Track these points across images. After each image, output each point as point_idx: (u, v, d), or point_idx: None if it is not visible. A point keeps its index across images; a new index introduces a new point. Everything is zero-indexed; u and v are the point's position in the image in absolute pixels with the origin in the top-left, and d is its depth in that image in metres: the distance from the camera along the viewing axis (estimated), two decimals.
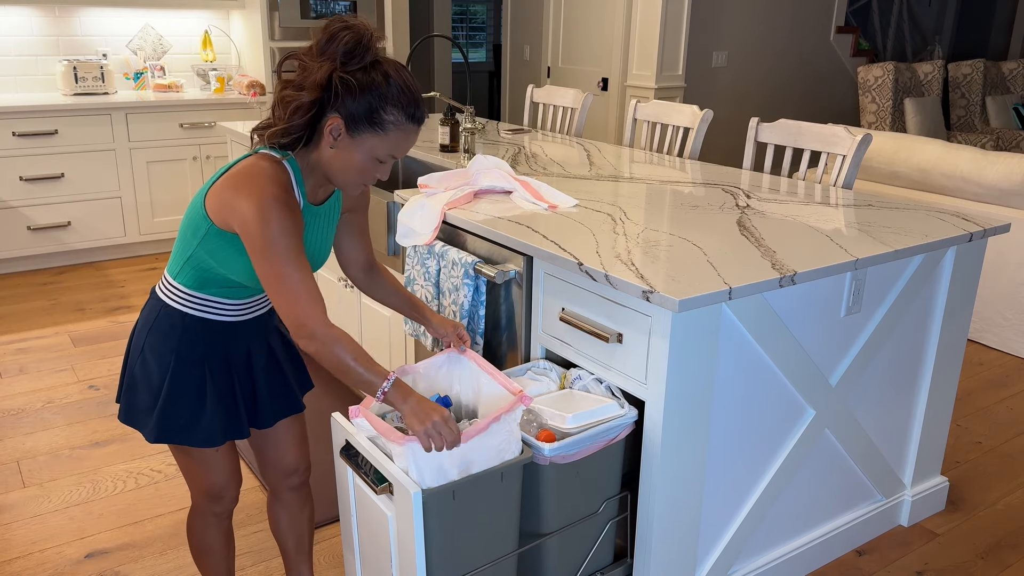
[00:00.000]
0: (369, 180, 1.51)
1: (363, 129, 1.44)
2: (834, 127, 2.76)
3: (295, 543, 1.91)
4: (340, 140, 1.45)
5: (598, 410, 1.73)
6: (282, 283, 1.39)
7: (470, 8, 9.55)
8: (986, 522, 2.47)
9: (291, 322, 1.40)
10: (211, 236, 1.48)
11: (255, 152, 1.50)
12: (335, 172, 1.49)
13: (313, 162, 1.51)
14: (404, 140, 1.48)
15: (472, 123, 3.04)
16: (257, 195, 1.39)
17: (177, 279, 1.56)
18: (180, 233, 1.55)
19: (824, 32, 6.55)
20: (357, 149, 1.46)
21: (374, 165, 1.49)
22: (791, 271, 1.76)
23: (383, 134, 1.45)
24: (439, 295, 2.26)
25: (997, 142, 6.18)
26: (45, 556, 2.23)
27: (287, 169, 1.47)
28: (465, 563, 1.59)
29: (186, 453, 1.66)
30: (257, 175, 1.42)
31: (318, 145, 1.48)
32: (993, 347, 3.77)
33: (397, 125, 1.45)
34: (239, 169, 1.45)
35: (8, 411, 3.01)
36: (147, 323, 1.59)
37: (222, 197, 1.44)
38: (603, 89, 5.66)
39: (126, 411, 1.62)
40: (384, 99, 1.43)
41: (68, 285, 4.34)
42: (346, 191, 1.54)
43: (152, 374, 1.58)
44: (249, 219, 1.39)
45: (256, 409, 1.69)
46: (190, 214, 1.52)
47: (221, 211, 1.44)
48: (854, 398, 2.12)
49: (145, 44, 5.04)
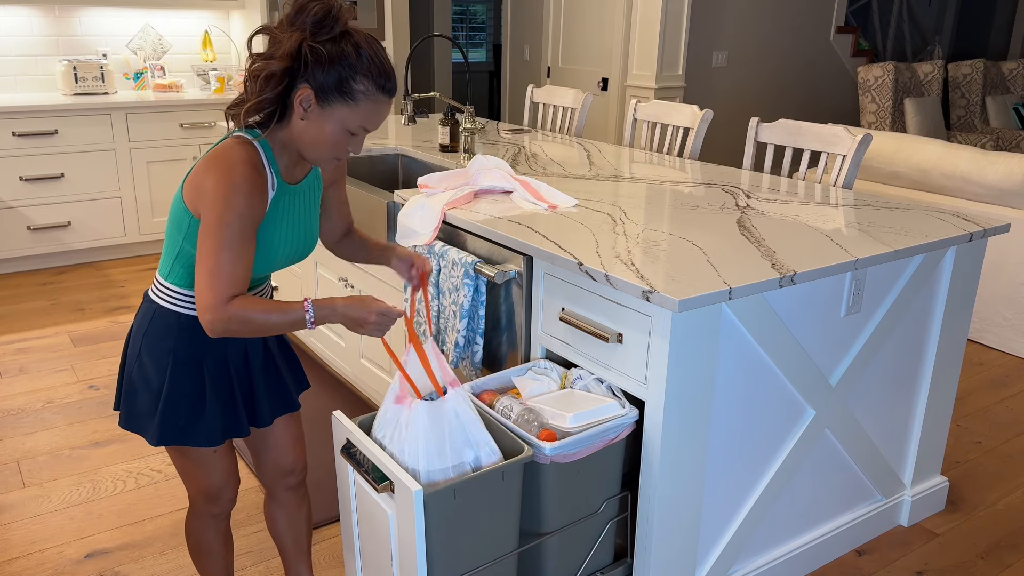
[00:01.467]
0: (341, 153, 1.50)
1: (333, 99, 1.42)
2: (834, 127, 2.76)
3: (293, 543, 1.91)
4: (311, 111, 1.44)
5: (599, 410, 1.73)
6: (206, 263, 1.39)
7: (470, 8, 9.55)
8: (986, 522, 2.47)
9: (198, 304, 1.40)
10: (193, 228, 1.48)
11: (228, 136, 1.50)
12: (307, 145, 1.48)
13: (285, 138, 1.50)
14: (375, 111, 1.46)
15: (472, 123, 3.04)
16: (225, 175, 1.40)
17: (168, 279, 1.56)
18: (166, 231, 1.55)
19: (824, 32, 6.55)
20: (328, 120, 1.44)
21: (346, 137, 1.47)
22: (791, 271, 1.76)
23: (353, 104, 1.43)
24: (439, 295, 2.26)
25: (997, 142, 6.18)
26: (45, 556, 2.23)
27: (258, 149, 1.47)
28: (465, 562, 1.59)
29: (184, 454, 1.65)
30: (228, 156, 1.42)
31: (290, 119, 1.47)
32: (993, 347, 3.77)
33: (367, 95, 1.44)
34: (212, 153, 1.46)
35: (8, 411, 3.01)
36: (142, 326, 1.58)
37: (195, 181, 1.45)
38: (603, 89, 5.66)
39: (126, 417, 1.61)
40: (354, 69, 1.41)
41: (68, 285, 4.34)
42: (320, 166, 1.53)
43: (150, 377, 1.57)
44: (213, 198, 1.39)
45: (254, 408, 1.69)
46: (172, 209, 1.53)
47: (193, 195, 1.45)
48: (854, 398, 2.12)
49: (145, 44, 5.04)
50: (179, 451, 1.65)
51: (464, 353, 2.20)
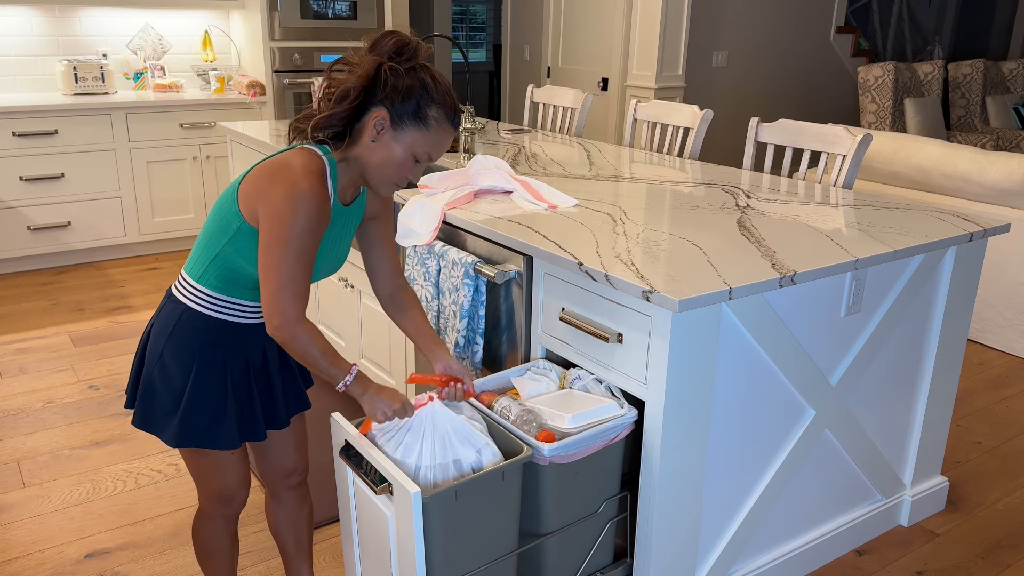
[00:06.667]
0: (403, 179, 1.53)
1: (407, 123, 1.47)
2: (834, 127, 2.76)
3: (294, 543, 1.91)
4: (383, 134, 1.48)
5: (598, 410, 1.73)
6: (279, 274, 1.41)
7: (470, 8, 9.54)
8: (986, 522, 2.47)
9: (270, 309, 1.41)
10: (242, 234, 1.48)
11: (293, 147, 1.50)
12: (373, 167, 1.50)
13: (351, 159, 1.52)
14: (442, 140, 1.52)
15: (472, 123, 3.04)
16: (292, 185, 1.40)
17: (200, 281, 1.54)
18: (205, 233, 1.54)
19: (824, 32, 6.55)
20: (399, 143, 1.48)
21: (411, 162, 1.51)
22: (791, 271, 1.76)
23: (426, 130, 1.49)
24: (439, 295, 2.26)
25: (997, 142, 6.18)
26: (45, 556, 2.23)
27: (324, 162, 1.48)
28: (465, 563, 1.59)
29: (201, 456, 1.64)
30: (296, 166, 1.43)
31: (357, 141, 1.50)
32: (993, 347, 3.77)
33: (439, 123, 1.49)
34: (277, 159, 1.46)
35: (8, 411, 3.01)
36: (166, 328, 1.56)
37: (257, 184, 1.44)
38: (603, 89, 5.66)
39: (142, 416, 1.59)
40: (431, 96, 1.48)
41: (68, 285, 4.34)
42: (379, 191, 1.55)
43: (172, 378, 1.55)
44: (278, 207, 1.40)
45: (274, 409, 1.68)
46: (219, 210, 1.51)
47: (252, 199, 1.44)
48: (854, 398, 2.12)
49: (145, 44, 5.03)
50: (195, 453, 1.64)
51: (464, 353, 2.20)
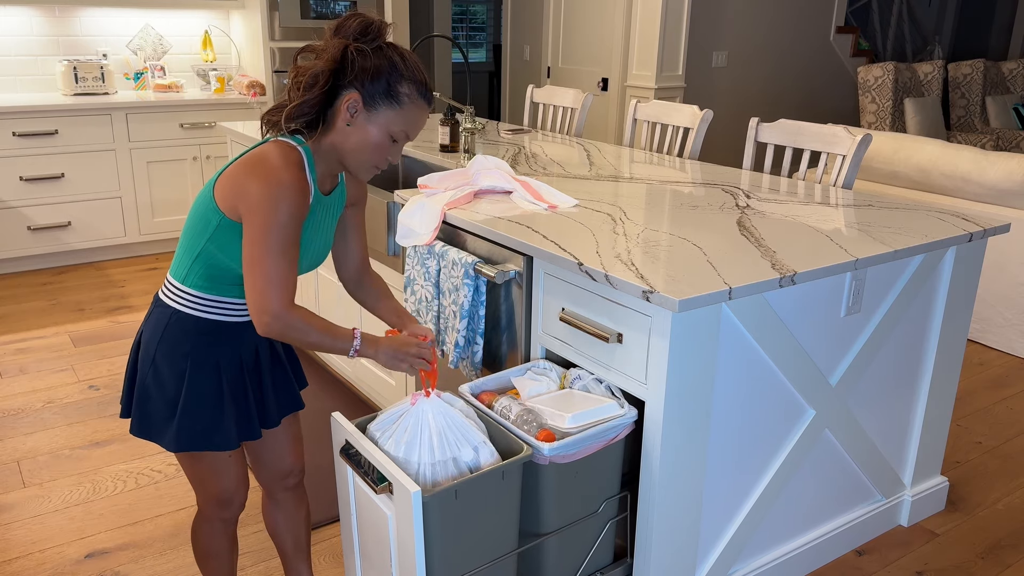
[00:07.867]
0: (382, 160, 1.53)
1: (380, 103, 1.47)
2: (834, 127, 2.76)
3: (293, 543, 1.91)
4: (357, 116, 1.47)
5: (598, 410, 1.73)
6: (264, 268, 1.40)
7: (470, 8, 9.54)
8: (986, 522, 2.47)
9: (258, 305, 1.41)
10: (222, 229, 1.47)
11: (267, 140, 1.50)
12: (350, 151, 1.50)
13: (326, 146, 1.51)
14: (417, 117, 1.51)
15: (472, 123, 3.04)
16: (271, 178, 1.40)
17: (185, 282, 1.53)
18: (185, 233, 1.53)
19: (824, 32, 6.55)
20: (373, 124, 1.48)
21: (388, 143, 1.51)
22: (791, 271, 1.76)
23: (399, 108, 1.48)
24: (439, 295, 2.26)
25: (997, 142, 6.18)
26: (45, 556, 2.23)
27: (301, 152, 1.48)
28: (465, 562, 1.59)
29: (198, 459, 1.63)
30: (273, 158, 1.43)
31: (331, 127, 1.49)
32: (993, 347, 3.77)
33: (412, 100, 1.49)
34: (253, 154, 1.46)
35: (8, 411, 3.01)
36: (155, 333, 1.55)
37: (235, 180, 1.44)
38: (603, 89, 5.66)
39: (139, 424, 1.58)
40: (400, 74, 1.47)
41: (68, 285, 4.34)
42: (358, 175, 1.55)
43: (166, 383, 1.55)
44: (258, 201, 1.39)
45: (264, 408, 1.68)
46: (197, 208, 1.51)
47: (231, 196, 1.44)
48: (854, 398, 2.12)
49: (145, 44, 5.04)
50: (193, 457, 1.63)
51: (464, 353, 2.20)
